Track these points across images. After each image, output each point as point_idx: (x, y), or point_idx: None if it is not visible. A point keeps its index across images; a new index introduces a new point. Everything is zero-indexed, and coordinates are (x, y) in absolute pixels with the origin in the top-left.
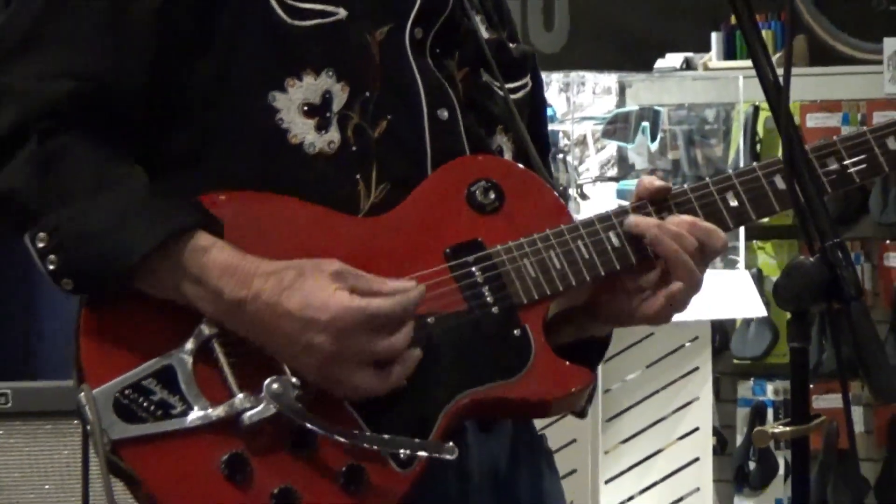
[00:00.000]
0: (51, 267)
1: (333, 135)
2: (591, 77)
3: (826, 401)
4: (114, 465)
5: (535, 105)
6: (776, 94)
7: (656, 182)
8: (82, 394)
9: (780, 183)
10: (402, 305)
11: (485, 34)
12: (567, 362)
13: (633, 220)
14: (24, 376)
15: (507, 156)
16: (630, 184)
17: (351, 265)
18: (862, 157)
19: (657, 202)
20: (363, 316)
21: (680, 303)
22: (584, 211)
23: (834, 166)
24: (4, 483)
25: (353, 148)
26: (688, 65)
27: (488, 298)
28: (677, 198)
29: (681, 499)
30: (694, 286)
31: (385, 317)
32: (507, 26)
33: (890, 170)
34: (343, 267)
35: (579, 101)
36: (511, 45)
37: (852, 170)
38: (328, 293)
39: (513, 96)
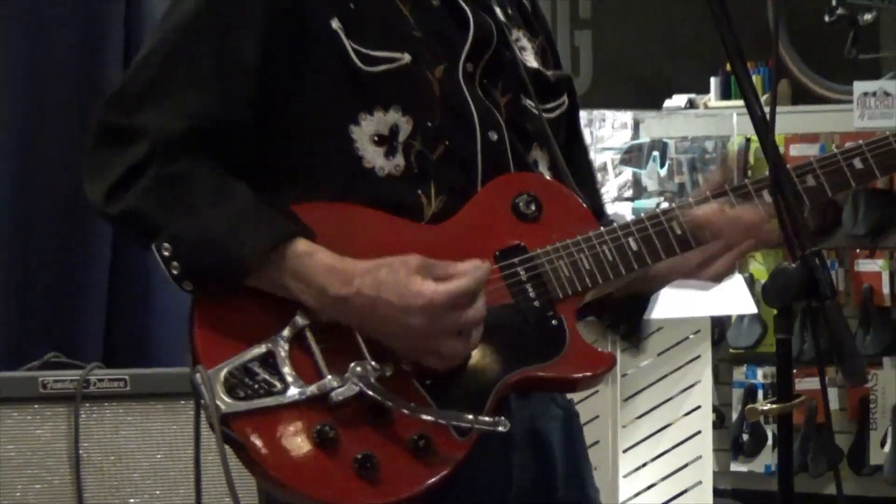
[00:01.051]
0: (174, 272)
1: (399, 160)
2: (610, 114)
3: (806, 383)
4: (225, 434)
5: (572, 119)
6: (764, 128)
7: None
8: (198, 374)
9: (767, 196)
10: (476, 281)
11: (527, 60)
12: (596, 348)
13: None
14: (139, 364)
15: (542, 167)
16: (643, 203)
17: None
18: (834, 173)
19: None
20: (449, 297)
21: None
22: None
23: (811, 182)
24: (123, 452)
25: (416, 170)
26: (691, 104)
27: (531, 294)
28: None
29: (685, 465)
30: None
31: (465, 294)
32: (543, 27)
33: (856, 184)
34: (423, 260)
35: (600, 134)
36: (549, 72)
37: (826, 184)
38: (418, 283)
39: (550, 115)
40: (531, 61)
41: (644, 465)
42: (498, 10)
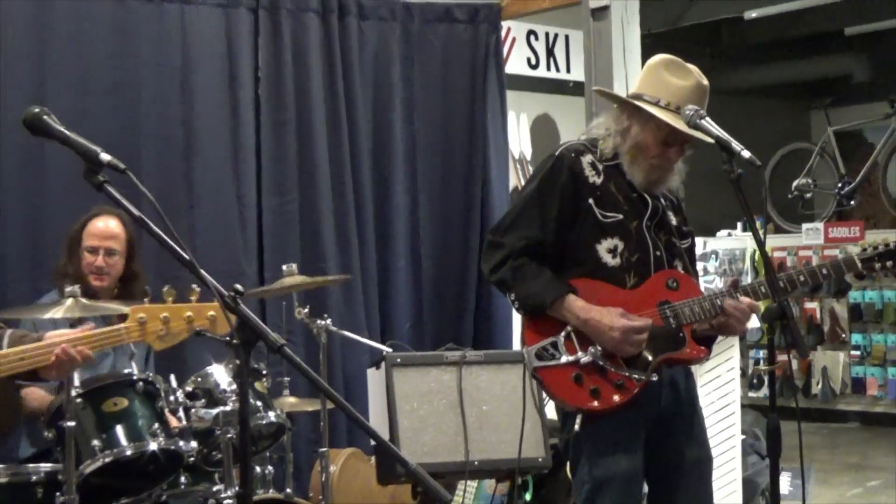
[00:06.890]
0: (516, 308)
1: (618, 260)
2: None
3: (782, 357)
4: (536, 378)
5: (692, 249)
6: (762, 245)
7: (730, 280)
8: (524, 349)
9: (765, 287)
10: (645, 325)
11: (673, 221)
12: (699, 346)
13: (728, 302)
14: (488, 346)
15: (680, 268)
16: (704, 279)
17: (622, 307)
18: (812, 275)
19: (735, 289)
20: (631, 327)
21: (734, 329)
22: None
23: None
24: (482, 388)
25: (625, 265)
26: (728, 234)
27: (671, 321)
28: (737, 289)
29: (727, 394)
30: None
31: (639, 329)
32: (683, 210)
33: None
34: (624, 311)
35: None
36: (684, 228)
37: (798, 282)
38: (618, 318)
39: (684, 245)
40: (675, 222)
41: (707, 394)
42: (661, 200)
